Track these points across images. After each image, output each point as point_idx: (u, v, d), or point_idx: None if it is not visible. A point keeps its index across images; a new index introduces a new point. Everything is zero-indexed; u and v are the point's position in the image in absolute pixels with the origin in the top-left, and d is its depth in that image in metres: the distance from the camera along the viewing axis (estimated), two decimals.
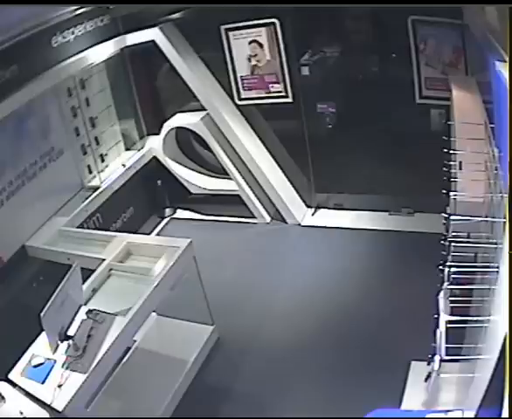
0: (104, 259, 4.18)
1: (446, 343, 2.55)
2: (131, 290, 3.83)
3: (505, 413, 1.45)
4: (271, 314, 4.74)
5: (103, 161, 5.84)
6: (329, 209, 6.09)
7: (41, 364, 3.26)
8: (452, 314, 2.57)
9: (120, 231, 5.35)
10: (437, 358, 2.63)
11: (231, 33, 5.45)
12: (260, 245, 5.85)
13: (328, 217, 5.98)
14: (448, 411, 2.30)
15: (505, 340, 1.54)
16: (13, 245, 4.74)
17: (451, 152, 3.32)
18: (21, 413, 3.03)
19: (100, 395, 3.92)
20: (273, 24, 5.25)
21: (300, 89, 5.54)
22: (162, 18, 5.50)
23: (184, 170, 6.34)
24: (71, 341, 3.31)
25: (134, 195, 6.16)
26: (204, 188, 6.23)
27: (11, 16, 4.14)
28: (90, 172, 5.67)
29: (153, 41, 5.47)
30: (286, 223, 6.04)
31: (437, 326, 2.60)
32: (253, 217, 6.16)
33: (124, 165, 5.93)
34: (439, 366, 2.64)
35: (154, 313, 4.52)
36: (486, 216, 2.87)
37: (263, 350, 4.39)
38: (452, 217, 3.00)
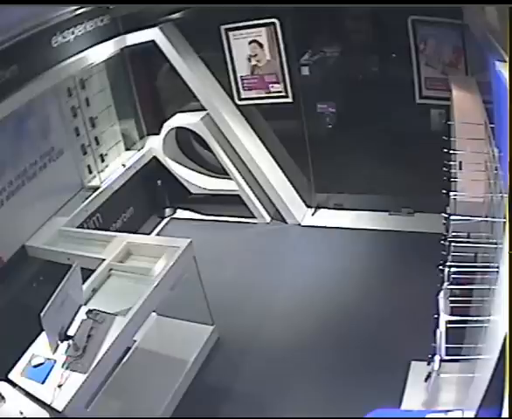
0: (104, 259, 4.18)
1: (446, 343, 2.55)
2: (131, 290, 3.83)
3: (505, 413, 1.45)
4: (271, 314, 4.74)
5: (103, 161, 5.84)
6: (329, 209, 6.09)
7: (41, 364, 3.26)
8: (452, 314, 2.57)
9: (120, 231, 5.35)
10: (437, 358, 2.63)
11: (231, 33, 5.45)
12: (260, 245, 5.85)
13: (328, 217, 5.98)
14: (448, 411, 2.30)
15: (505, 339, 1.54)
16: (13, 245, 4.74)
17: (451, 152, 3.32)
18: (21, 413, 3.03)
19: (100, 395, 3.92)
20: (273, 24, 5.25)
21: (300, 89, 5.54)
22: (162, 18, 5.50)
23: (184, 170, 6.34)
24: (71, 341, 3.31)
25: (134, 195, 6.16)
26: (204, 188, 6.23)
27: (11, 16, 4.13)
28: (90, 172, 5.67)
29: (153, 41, 5.47)
30: (286, 223, 6.04)
31: (437, 326, 2.60)
32: (253, 217, 6.16)
33: (124, 165, 5.93)
34: (439, 366, 2.64)
35: (154, 313, 4.52)
36: (486, 216, 2.87)
37: (263, 350, 4.39)
38: (452, 217, 3.00)
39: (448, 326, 2.53)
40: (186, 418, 3.90)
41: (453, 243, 2.85)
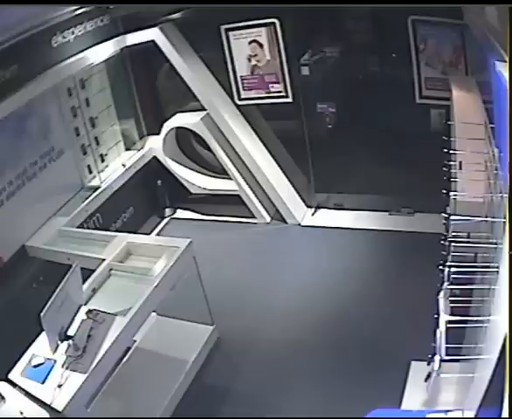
0: (104, 259, 4.18)
1: (446, 343, 2.55)
2: (131, 290, 3.83)
3: (505, 413, 1.45)
4: (271, 314, 4.74)
5: (103, 161, 5.84)
6: (329, 209, 6.09)
7: (41, 364, 3.26)
8: (452, 314, 2.57)
9: (120, 231, 5.35)
10: (437, 358, 2.63)
11: (231, 33, 5.45)
12: (260, 245, 5.85)
13: (328, 217, 5.98)
14: (448, 411, 2.31)
15: (505, 340, 1.54)
16: (13, 245, 4.74)
17: (451, 152, 3.32)
18: (21, 413, 3.03)
19: (100, 395, 3.92)
20: (273, 24, 5.25)
21: (300, 89, 5.54)
22: (162, 18, 5.50)
23: (184, 170, 6.34)
24: (71, 341, 3.31)
25: (134, 195, 6.16)
26: (204, 188, 6.23)
27: (11, 16, 4.13)
28: (90, 172, 5.67)
29: (153, 41, 5.47)
30: (286, 223, 6.04)
31: (437, 326, 2.60)
32: (253, 217, 6.16)
33: (124, 165, 5.93)
34: (439, 366, 2.64)
35: (154, 313, 4.52)
36: (486, 216, 2.87)
37: (263, 350, 4.39)
38: (452, 217, 3.00)
39: (448, 326, 2.53)
40: (186, 418, 3.90)
41: (453, 243, 2.85)
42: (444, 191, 3.22)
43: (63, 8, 4.86)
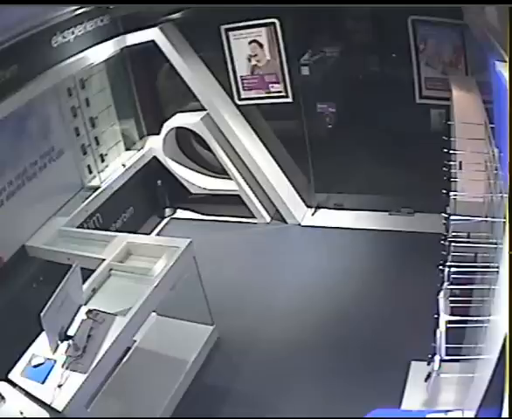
0: (104, 259, 4.18)
1: (446, 343, 2.55)
2: (131, 290, 3.83)
3: (505, 413, 1.45)
4: (271, 314, 4.74)
5: (103, 161, 5.84)
6: (329, 209, 6.09)
7: (41, 364, 3.26)
8: (452, 314, 2.57)
9: (120, 231, 5.35)
10: (437, 358, 2.63)
11: (231, 33, 5.45)
12: (260, 245, 5.85)
13: (328, 217, 5.98)
14: (448, 411, 2.31)
15: (505, 340, 1.54)
16: (13, 245, 4.74)
17: (451, 152, 3.32)
18: (21, 413, 3.03)
19: (100, 395, 3.92)
20: (273, 24, 5.25)
21: (300, 89, 5.54)
22: (162, 18, 5.50)
23: (184, 170, 6.34)
24: (71, 341, 3.31)
25: (134, 195, 6.16)
26: (204, 188, 6.23)
27: (11, 16, 4.13)
28: (90, 172, 5.67)
29: (153, 41, 5.47)
30: (286, 223, 6.04)
31: (437, 326, 2.60)
32: (253, 217, 6.16)
33: (124, 165, 5.93)
34: (439, 366, 2.64)
35: (154, 313, 4.52)
36: (486, 216, 2.87)
37: (263, 350, 4.39)
38: (452, 217, 3.00)
39: (448, 326, 2.53)
40: (186, 418, 3.90)
41: (453, 243, 2.85)
42: (444, 191, 3.23)
43: (63, 8, 4.86)
